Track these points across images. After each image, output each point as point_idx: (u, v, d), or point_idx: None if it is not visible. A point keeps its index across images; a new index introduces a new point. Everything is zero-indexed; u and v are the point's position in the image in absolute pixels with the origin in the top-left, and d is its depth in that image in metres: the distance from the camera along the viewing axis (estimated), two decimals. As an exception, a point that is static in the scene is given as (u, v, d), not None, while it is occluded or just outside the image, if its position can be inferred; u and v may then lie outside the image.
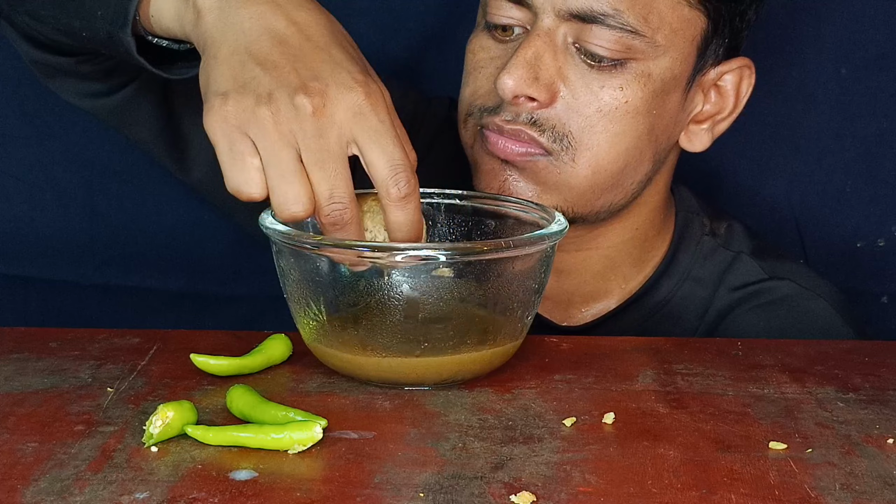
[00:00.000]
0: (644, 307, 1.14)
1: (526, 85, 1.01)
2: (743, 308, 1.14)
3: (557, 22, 1.02)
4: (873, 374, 0.92)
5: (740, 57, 1.09)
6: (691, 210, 1.17)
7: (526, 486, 0.73)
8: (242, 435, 0.77)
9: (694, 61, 1.05)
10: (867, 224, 1.34)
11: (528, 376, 0.90)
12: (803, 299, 1.14)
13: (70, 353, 0.92)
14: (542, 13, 1.02)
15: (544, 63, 1.02)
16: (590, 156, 1.04)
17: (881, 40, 1.31)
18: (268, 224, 0.88)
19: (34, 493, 0.71)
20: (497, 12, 1.05)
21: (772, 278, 1.15)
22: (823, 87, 1.33)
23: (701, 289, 1.15)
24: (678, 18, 1.03)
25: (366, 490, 0.72)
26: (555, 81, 1.02)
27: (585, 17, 1.01)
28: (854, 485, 0.74)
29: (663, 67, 1.03)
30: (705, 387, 0.89)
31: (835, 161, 1.34)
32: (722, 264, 1.15)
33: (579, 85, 1.03)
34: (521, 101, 1.03)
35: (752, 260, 1.15)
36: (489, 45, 1.06)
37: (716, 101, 1.10)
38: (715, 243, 1.16)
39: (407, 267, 0.84)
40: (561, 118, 1.03)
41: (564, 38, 1.02)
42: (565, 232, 0.89)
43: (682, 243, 1.16)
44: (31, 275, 1.38)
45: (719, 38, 1.06)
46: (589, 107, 1.03)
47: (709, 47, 1.06)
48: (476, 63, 1.07)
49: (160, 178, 1.37)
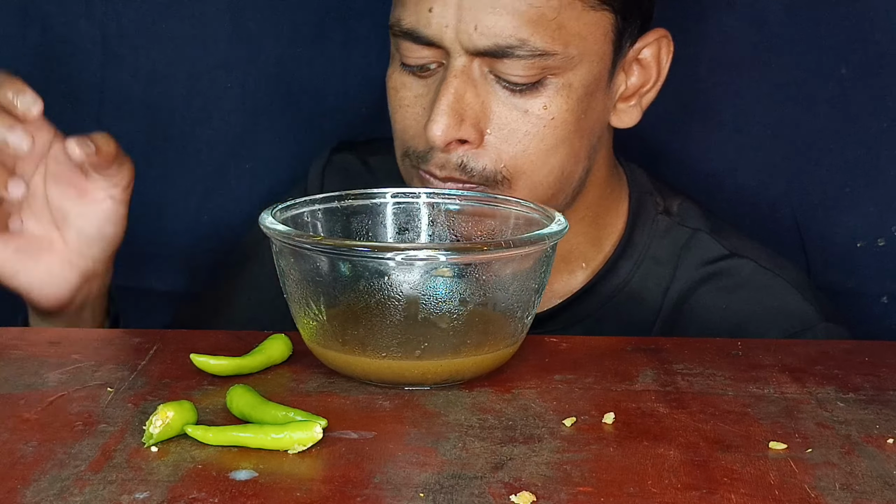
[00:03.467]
0: (606, 288, 1.15)
1: (454, 131, 1.03)
2: (706, 288, 1.15)
3: (470, 59, 1.03)
4: (873, 374, 0.92)
5: (655, 29, 1.10)
6: (644, 189, 1.18)
7: (526, 486, 0.73)
8: (242, 435, 0.77)
9: (612, 55, 1.07)
10: (867, 224, 1.34)
11: (528, 376, 0.90)
12: (764, 278, 1.15)
13: (70, 353, 0.92)
14: (453, 53, 1.03)
15: (466, 102, 1.04)
16: (525, 179, 1.06)
17: (881, 40, 1.31)
18: (268, 224, 0.88)
19: (34, 493, 0.71)
20: (410, 54, 1.06)
21: (733, 255, 1.16)
22: (823, 87, 1.33)
23: (660, 267, 1.16)
24: (585, 25, 1.04)
25: (366, 490, 0.72)
26: (480, 118, 1.04)
27: (494, 54, 1.02)
28: (854, 485, 0.74)
29: (582, 74, 1.05)
30: (705, 387, 0.89)
31: (835, 161, 1.34)
32: (679, 241, 1.16)
33: (504, 112, 1.04)
34: (453, 146, 1.04)
35: (711, 237, 1.16)
36: (409, 83, 1.08)
37: (639, 74, 1.11)
38: (670, 221, 1.17)
39: (407, 267, 0.84)
40: (492, 155, 1.05)
41: (481, 71, 1.04)
42: (565, 232, 0.89)
43: (637, 223, 1.17)
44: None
45: (631, 22, 1.07)
46: (518, 132, 1.05)
47: (623, 37, 1.07)
48: (400, 101, 1.09)
49: (160, 178, 1.38)
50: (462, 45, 1.02)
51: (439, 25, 1.02)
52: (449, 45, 1.03)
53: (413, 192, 1.00)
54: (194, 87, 1.37)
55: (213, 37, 1.36)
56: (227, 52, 1.36)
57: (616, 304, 1.15)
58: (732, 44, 1.33)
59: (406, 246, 0.85)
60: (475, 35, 1.02)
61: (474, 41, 1.02)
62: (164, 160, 1.38)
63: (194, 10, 1.35)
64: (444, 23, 1.02)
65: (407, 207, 0.99)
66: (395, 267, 0.84)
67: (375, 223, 0.98)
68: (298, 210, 0.94)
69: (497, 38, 1.01)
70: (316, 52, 1.36)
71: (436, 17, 1.02)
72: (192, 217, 1.38)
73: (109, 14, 1.34)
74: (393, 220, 0.99)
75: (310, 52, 1.36)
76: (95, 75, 1.36)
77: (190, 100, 1.37)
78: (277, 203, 0.93)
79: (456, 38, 1.02)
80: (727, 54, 1.33)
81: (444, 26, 1.02)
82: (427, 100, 1.06)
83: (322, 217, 0.96)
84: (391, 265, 0.84)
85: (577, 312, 1.14)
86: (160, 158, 1.37)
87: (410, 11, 1.04)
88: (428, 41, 1.04)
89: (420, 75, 1.07)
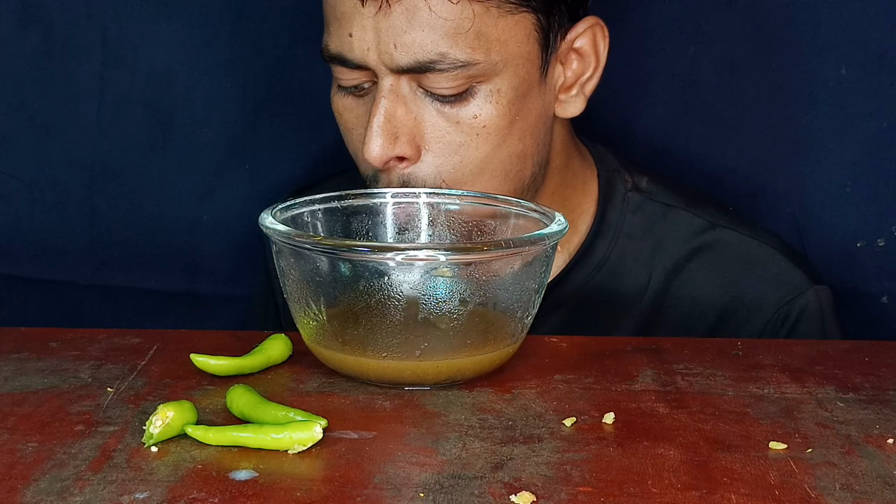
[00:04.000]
0: (586, 268, 1.16)
1: (389, 149, 1.04)
2: (695, 264, 1.16)
3: (396, 77, 1.04)
4: (873, 374, 0.92)
5: (587, 17, 1.10)
6: (612, 168, 1.19)
7: (526, 486, 0.73)
8: (242, 435, 0.77)
9: (539, 53, 1.07)
10: (867, 224, 1.34)
11: (528, 376, 0.90)
12: (749, 248, 1.17)
13: (70, 353, 0.92)
14: (379, 73, 1.04)
15: (399, 119, 1.05)
16: (469, 187, 1.07)
17: (881, 40, 1.31)
18: (268, 224, 0.88)
19: (34, 493, 0.71)
20: (342, 76, 1.08)
21: (714, 226, 1.17)
22: (823, 87, 1.33)
23: (636, 242, 1.17)
24: (504, 30, 1.04)
25: (366, 490, 0.72)
26: (415, 133, 1.05)
27: (417, 70, 1.03)
28: (854, 485, 0.74)
29: (509, 77, 1.06)
30: (705, 387, 0.89)
31: (835, 161, 1.33)
32: (652, 217, 1.17)
33: (438, 125, 1.05)
34: (392, 164, 1.05)
35: (688, 212, 1.17)
36: (350, 105, 1.09)
37: (577, 64, 1.11)
38: (641, 197, 1.18)
39: (407, 267, 0.84)
40: (430, 169, 1.06)
41: (409, 87, 1.05)
42: (565, 232, 0.89)
43: (608, 202, 1.17)
44: (31, 275, 1.38)
45: (556, 17, 1.08)
46: (452, 143, 1.06)
47: (549, 33, 1.07)
48: (346, 124, 1.10)
49: (160, 178, 1.38)
50: (385, 64, 1.04)
51: (361, 49, 1.04)
52: (373, 66, 1.04)
53: (413, 192, 1.00)
54: (194, 87, 1.37)
55: (213, 37, 1.36)
56: (227, 52, 1.36)
57: (597, 284, 1.16)
58: (732, 44, 1.33)
59: (406, 246, 0.85)
60: (396, 54, 1.03)
61: (396, 60, 1.03)
62: (164, 160, 1.38)
63: (194, 10, 1.35)
64: (364, 46, 1.04)
65: (407, 207, 0.99)
66: (395, 267, 0.84)
67: (375, 223, 0.98)
68: (298, 210, 0.94)
69: (417, 54, 1.03)
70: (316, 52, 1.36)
71: (356, 41, 1.04)
72: (192, 217, 1.38)
73: (109, 14, 1.34)
74: (393, 220, 0.99)
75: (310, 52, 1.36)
76: (95, 75, 1.36)
77: (190, 100, 1.37)
78: (277, 203, 0.93)
79: (379, 59, 1.04)
80: (727, 54, 1.33)
81: (366, 49, 1.04)
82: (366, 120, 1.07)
83: (322, 217, 0.96)
84: (391, 265, 0.84)
85: (560, 295, 1.15)
86: (160, 158, 1.37)
87: (334, 37, 1.06)
88: (355, 65, 1.05)
89: (357, 95, 1.08)
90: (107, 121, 1.36)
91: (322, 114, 1.37)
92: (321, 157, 1.37)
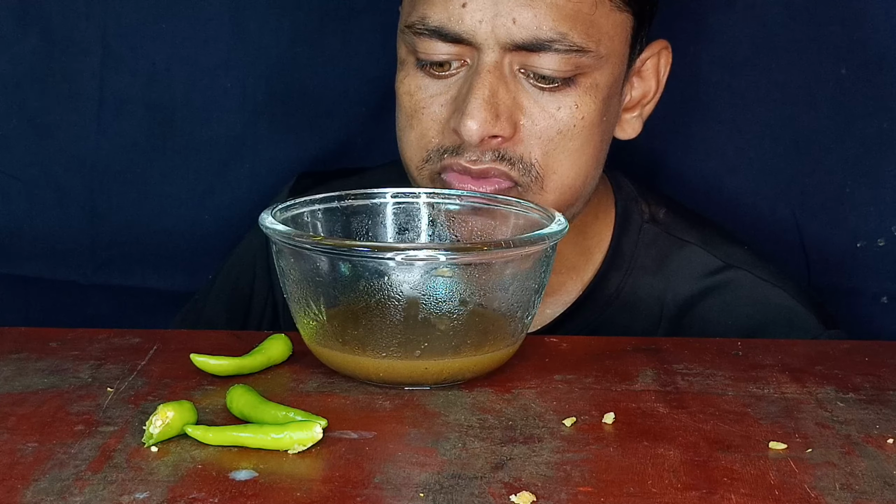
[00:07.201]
0: (598, 300, 1.15)
1: (490, 125, 1.01)
2: (707, 303, 1.15)
3: (502, 54, 1.02)
4: (873, 374, 0.92)
5: (657, 41, 1.11)
6: (629, 197, 1.18)
7: (526, 486, 0.73)
8: (242, 435, 0.77)
9: (627, 60, 1.07)
10: (867, 224, 1.33)
11: (528, 376, 0.90)
12: (763, 290, 1.15)
13: (70, 353, 0.92)
14: (485, 48, 1.02)
15: (500, 98, 1.02)
16: (556, 178, 1.05)
17: (881, 40, 1.31)
18: (268, 224, 0.88)
19: (34, 493, 0.71)
20: (431, 51, 1.04)
21: (728, 266, 1.15)
22: (823, 87, 1.33)
23: (649, 277, 1.15)
24: (612, 25, 1.04)
25: (366, 490, 0.72)
26: (514, 113, 1.03)
27: (532, 47, 1.01)
28: (854, 485, 0.74)
29: (607, 74, 1.05)
30: (705, 387, 0.89)
31: (835, 161, 1.33)
32: (666, 251, 1.16)
33: (536, 110, 1.03)
34: (486, 142, 1.03)
35: (703, 249, 1.16)
36: (426, 84, 1.06)
37: (638, 86, 1.11)
38: (657, 230, 1.17)
39: (407, 267, 0.84)
40: (526, 149, 1.04)
41: (511, 67, 1.03)
42: (565, 232, 0.89)
43: (624, 232, 1.16)
44: (31, 275, 1.38)
45: (643, 30, 1.08)
46: (550, 130, 1.04)
47: (637, 42, 1.08)
48: (416, 104, 1.06)
49: (160, 178, 1.38)
50: (497, 39, 1.01)
51: (473, 20, 1.01)
52: (482, 40, 1.01)
53: (413, 192, 1.00)
54: (194, 87, 1.37)
55: (213, 37, 1.36)
56: (227, 52, 1.36)
57: (610, 316, 1.14)
58: (732, 44, 1.33)
59: (406, 246, 0.85)
60: (514, 28, 1.01)
61: (512, 35, 1.01)
62: (165, 160, 1.38)
63: (194, 10, 1.35)
64: (479, 17, 1.01)
65: (407, 207, 0.99)
66: (395, 267, 0.84)
67: (375, 223, 0.98)
68: (298, 210, 0.94)
69: (537, 31, 1.00)
70: (316, 52, 1.35)
71: (469, 12, 1.01)
72: (193, 217, 1.38)
73: (109, 14, 1.34)
74: (393, 220, 0.99)
75: (310, 52, 1.36)
76: (95, 75, 1.36)
77: (190, 100, 1.37)
78: (277, 203, 0.93)
79: (491, 32, 1.01)
80: (727, 54, 1.33)
81: (479, 21, 1.01)
82: (446, 98, 1.04)
83: (322, 217, 0.96)
84: (391, 265, 0.84)
85: (571, 328, 1.14)
86: (160, 158, 1.37)
87: (439, 8, 1.02)
88: (456, 37, 1.02)
89: (437, 75, 1.05)
90: (107, 121, 1.36)
91: (322, 114, 1.38)
92: (321, 157, 1.37)
